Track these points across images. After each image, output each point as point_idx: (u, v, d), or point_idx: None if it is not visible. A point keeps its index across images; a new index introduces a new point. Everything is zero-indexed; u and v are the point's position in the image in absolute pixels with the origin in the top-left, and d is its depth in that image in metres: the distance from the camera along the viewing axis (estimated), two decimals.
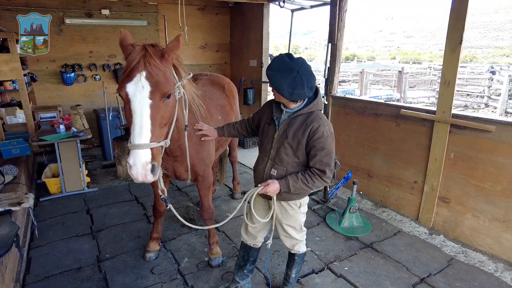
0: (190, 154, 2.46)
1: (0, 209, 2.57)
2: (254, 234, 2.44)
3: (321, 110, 2.10)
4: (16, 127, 5.30)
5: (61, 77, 5.88)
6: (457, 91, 14.54)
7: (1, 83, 4.87)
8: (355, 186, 3.72)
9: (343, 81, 20.31)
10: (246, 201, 2.19)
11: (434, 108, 3.47)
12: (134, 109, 1.78)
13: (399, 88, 14.34)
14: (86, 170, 4.81)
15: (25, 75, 4.88)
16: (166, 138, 1.97)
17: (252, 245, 2.48)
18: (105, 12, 5.86)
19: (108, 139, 5.46)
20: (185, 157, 2.48)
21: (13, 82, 4.78)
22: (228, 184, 4.74)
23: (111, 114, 5.47)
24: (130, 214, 3.94)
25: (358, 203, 3.96)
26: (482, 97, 14.53)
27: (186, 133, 2.35)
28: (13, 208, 2.62)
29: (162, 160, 2.10)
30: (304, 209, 2.34)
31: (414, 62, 30.73)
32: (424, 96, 15.72)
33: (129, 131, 1.83)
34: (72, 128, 4.30)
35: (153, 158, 1.80)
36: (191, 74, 2.24)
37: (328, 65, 4.52)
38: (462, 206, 3.36)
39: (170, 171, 2.62)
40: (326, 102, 4.65)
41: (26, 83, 4.78)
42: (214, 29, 7.18)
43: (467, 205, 3.32)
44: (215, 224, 2.62)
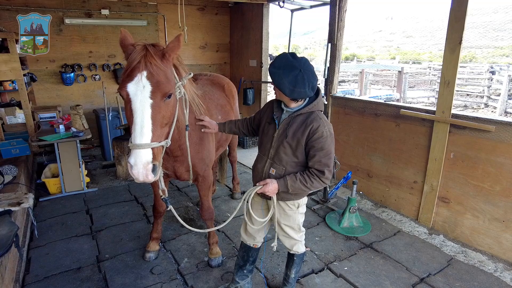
0: (190, 154, 2.46)
1: None
2: (253, 234, 2.44)
3: (321, 111, 2.10)
4: (15, 127, 5.30)
5: (60, 77, 5.89)
6: (457, 91, 14.58)
7: (0, 83, 4.87)
8: (355, 186, 3.72)
9: (343, 81, 20.31)
10: (245, 201, 2.20)
11: (434, 108, 3.47)
12: (135, 109, 1.78)
13: (398, 88, 14.34)
14: (86, 170, 4.80)
15: (24, 75, 4.88)
16: (167, 138, 1.97)
17: (251, 245, 2.48)
18: (105, 12, 5.86)
19: (108, 139, 5.46)
20: (185, 157, 2.47)
21: (13, 82, 4.78)
22: (227, 184, 4.74)
23: (110, 114, 5.47)
24: (129, 214, 3.94)
25: (358, 203, 3.97)
26: (482, 97, 14.54)
27: (187, 133, 2.35)
28: (13, 208, 2.62)
29: (163, 160, 2.10)
30: (303, 209, 2.34)
31: (413, 62, 30.73)
32: (423, 96, 15.72)
33: (129, 131, 1.83)
34: (72, 128, 4.29)
35: (154, 158, 1.80)
36: (192, 74, 2.24)
37: (327, 65, 4.52)
38: (462, 206, 3.36)
39: (170, 171, 2.62)
40: (326, 102, 4.65)
41: (25, 83, 4.78)
42: (214, 29, 7.18)
43: (466, 205, 3.32)
44: (215, 227, 2.61)
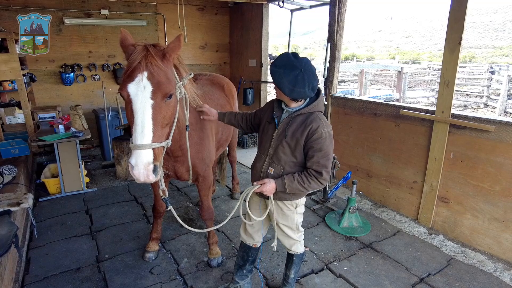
0: (190, 154, 2.46)
1: None
2: (252, 234, 2.44)
3: (322, 112, 2.10)
4: (15, 127, 5.29)
5: (60, 77, 5.88)
6: (457, 91, 14.58)
7: (0, 83, 4.86)
8: (355, 186, 3.72)
9: (343, 81, 20.32)
10: (243, 200, 2.20)
11: (434, 108, 3.47)
12: (135, 109, 1.78)
13: (398, 88, 14.34)
14: (86, 170, 4.80)
15: (24, 75, 4.87)
16: (167, 138, 1.97)
17: (251, 245, 2.48)
18: (104, 12, 5.86)
19: (108, 139, 5.45)
20: (186, 157, 2.47)
21: (12, 82, 4.77)
22: (227, 184, 4.73)
23: (110, 114, 5.47)
24: (129, 214, 3.94)
25: (358, 203, 3.97)
26: (482, 97, 14.55)
27: (187, 133, 2.35)
28: (12, 209, 2.61)
29: (163, 161, 2.10)
30: (301, 209, 2.34)
31: (413, 62, 30.75)
32: (423, 96, 15.73)
33: (129, 131, 1.83)
34: (71, 128, 4.29)
35: (155, 159, 1.80)
36: (192, 74, 2.25)
37: (327, 65, 4.52)
38: (462, 206, 3.36)
39: (171, 171, 2.62)
40: (326, 102, 4.65)
41: (25, 83, 4.78)
42: (213, 29, 7.18)
43: (466, 205, 3.32)
44: (214, 226, 2.62)
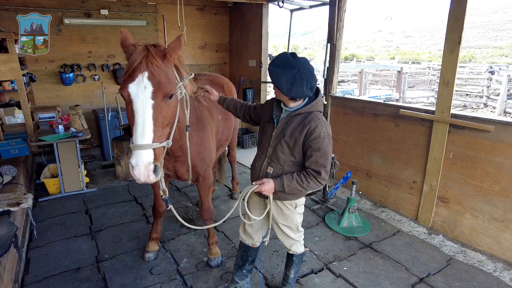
0: (191, 154, 2.46)
1: None
2: (251, 234, 2.44)
3: (321, 112, 2.10)
4: (15, 128, 5.29)
5: (60, 77, 5.88)
6: (456, 91, 14.59)
7: None
8: (354, 186, 3.72)
9: (342, 81, 20.33)
10: (242, 199, 2.21)
11: (433, 108, 3.47)
12: (136, 109, 1.78)
13: (398, 88, 14.35)
14: (85, 171, 4.80)
15: (23, 75, 4.87)
16: (168, 138, 1.97)
17: (250, 245, 2.49)
18: (104, 12, 5.86)
19: (107, 139, 5.45)
20: (186, 157, 2.48)
21: (12, 82, 4.77)
22: (227, 184, 4.74)
23: (110, 114, 5.47)
24: (129, 214, 3.94)
25: (357, 203, 3.97)
26: (481, 97, 14.55)
27: (188, 133, 2.35)
28: (12, 209, 2.61)
29: (164, 161, 2.10)
30: (300, 209, 2.34)
31: (413, 62, 30.77)
32: (423, 96, 15.74)
33: (129, 131, 1.83)
34: (71, 128, 4.29)
35: (156, 159, 1.80)
36: (193, 75, 2.25)
37: (327, 65, 4.52)
38: (461, 206, 3.36)
39: (171, 171, 2.62)
40: (325, 102, 4.65)
41: (24, 83, 4.78)
42: (213, 29, 7.18)
43: (466, 205, 3.32)
44: (213, 224, 2.62)
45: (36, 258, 3.09)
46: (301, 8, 5.99)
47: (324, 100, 4.62)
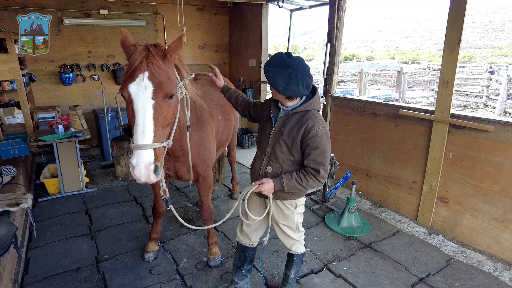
0: (191, 154, 2.46)
1: None
2: (248, 234, 2.44)
3: (318, 110, 2.11)
4: (14, 128, 5.29)
5: (59, 77, 5.88)
6: (456, 91, 14.56)
7: None
8: (354, 186, 3.72)
9: (342, 81, 20.33)
10: (242, 199, 2.21)
11: (433, 108, 3.47)
12: (137, 109, 1.78)
13: (398, 88, 14.35)
14: (85, 171, 4.80)
15: (23, 75, 4.87)
16: (168, 138, 1.97)
17: (247, 245, 2.49)
18: (104, 12, 5.86)
19: (107, 140, 5.45)
20: (186, 157, 2.48)
21: (12, 82, 4.76)
22: (227, 184, 4.74)
23: (110, 114, 5.46)
24: (129, 214, 3.94)
25: (357, 203, 3.97)
26: (481, 97, 14.56)
27: (188, 133, 2.35)
28: (11, 209, 2.61)
29: (164, 161, 2.10)
30: (301, 209, 2.34)
31: (413, 62, 30.78)
32: (423, 96, 15.75)
33: (129, 131, 1.83)
34: (71, 128, 4.29)
35: (156, 159, 1.80)
36: (193, 75, 2.25)
37: (327, 65, 4.52)
38: (461, 206, 3.36)
39: (171, 171, 2.62)
40: (325, 102, 4.65)
41: (24, 83, 4.77)
42: (213, 29, 7.18)
43: (465, 205, 3.32)
44: (213, 224, 2.62)
45: (36, 258, 3.09)
46: (301, 8, 5.99)
47: (324, 100, 4.64)
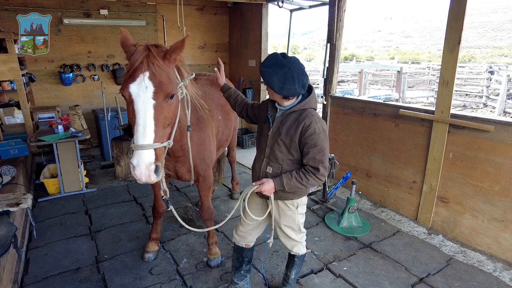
0: (192, 154, 2.46)
1: None
2: (245, 234, 2.44)
3: (315, 109, 2.11)
4: (14, 128, 5.29)
5: (59, 77, 5.87)
6: (456, 91, 14.55)
7: None
8: (354, 186, 3.72)
9: (342, 81, 20.34)
10: (242, 200, 2.21)
11: (433, 108, 3.47)
12: (137, 109, 1.78)
13: (398, 88, 14.35)
14: (85, 171, 4.80)
15: (23, 75, 4.87)
16: (169, 138, 1.97)
17: (244, 246, 2.48)
18: (104, 12, 5.86)
19: (107, 140, 5.45)
20: (187, 157, 2.48)
21: (11, 82, 4.77)
22: (227, 184, 4.73)
23: (109, 114, 5.46)
24: (129, 214, 3.93)
25: (357, 203, 3.97)
26: (481, 97, 14.57)
27: (189, 133, 2.35)
28: (11, 209, 2.61)
29: (164, 161, 2.10)
30: (302, 210, 2.33)
31: (413, 62, 30.78)
32: (423, 96, 15.75)
33: (129, 131, 1.83)
34: (71, 128, 4.29)
35: (157, 159, 1.80)
36: (194, 75, 2.25)
37: (327, 65, 4.52)
38: (461, 206, 3.36)
39: (172, 171, 2.62)
40: (325, 102, 4.65)
41: (24, 83, 4.77)
42: (212, 29, 7.18)
43: (465, 205, 3.32)
44: (214, 226, 2.62)
45: (36, 258, 3.08)
46: (300, 8, 5.99)
47: (324, 100, 4.64)
